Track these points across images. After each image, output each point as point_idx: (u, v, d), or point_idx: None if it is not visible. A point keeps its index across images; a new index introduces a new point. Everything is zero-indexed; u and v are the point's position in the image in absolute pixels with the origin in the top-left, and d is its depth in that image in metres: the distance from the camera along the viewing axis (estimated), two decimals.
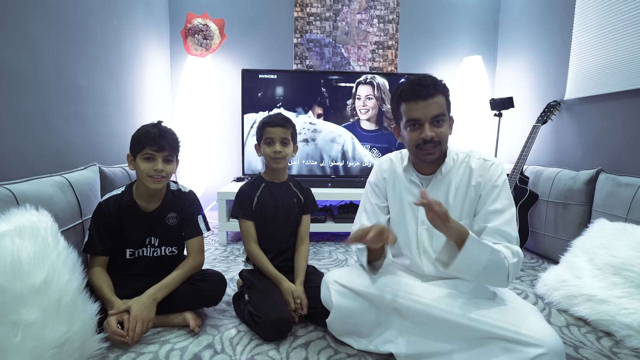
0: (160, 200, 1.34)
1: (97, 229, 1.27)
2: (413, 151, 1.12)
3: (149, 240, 1.34)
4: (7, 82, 1.32)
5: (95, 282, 1.21)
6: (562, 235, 1.96)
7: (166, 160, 1.27)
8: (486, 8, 3.00)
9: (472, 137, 2.76)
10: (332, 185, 2.61)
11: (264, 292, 1.30)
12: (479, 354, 0.95)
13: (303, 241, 1.49)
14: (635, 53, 1.75)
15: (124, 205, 1.29)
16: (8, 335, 0.83)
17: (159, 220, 1.34)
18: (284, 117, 1.41)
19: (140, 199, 1.31)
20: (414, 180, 1.18)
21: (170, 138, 1.27)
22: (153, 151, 1.24)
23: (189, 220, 1.37)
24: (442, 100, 1.07)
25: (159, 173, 1.24)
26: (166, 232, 1.35)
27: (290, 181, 1.52)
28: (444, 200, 1.13)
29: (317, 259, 2.12)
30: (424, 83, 1.05)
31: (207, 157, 2.72)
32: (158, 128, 1.26)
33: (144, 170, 1.24)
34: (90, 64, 1.82)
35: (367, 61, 2.97)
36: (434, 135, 1.05)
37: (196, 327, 1.24)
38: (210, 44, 2.57)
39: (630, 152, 1.81)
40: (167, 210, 1.34)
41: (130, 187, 1.32)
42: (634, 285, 1.30)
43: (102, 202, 1.29)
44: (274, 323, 1.19)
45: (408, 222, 1.20)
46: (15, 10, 1.34)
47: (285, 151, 1.40)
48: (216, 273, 1.39)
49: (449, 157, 1.14)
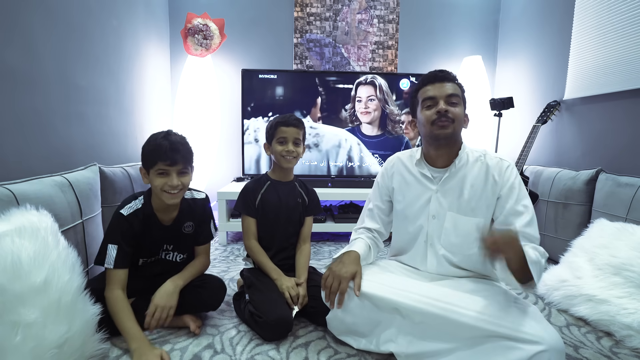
0: (177, 211, 1.30)
1: (125, 242, 1.19)
2: (428, 130, 1.13)
3: (163, 247, 1.33)
4: (7, 82, 1.32)
5: (118, 311, 1.12)
6: (562, 235, 1.96)
7: (181, 173, 1.21)
8: (486, 8, 3.00)
9: (472, 137, 2.76)
10: (332, 185, 2.61)
11: (265, 292, 1.30)
12: (480, 352, 0.95)
13: (305, 242, 1.50)
14: (635, 53, 1.75)
15: (146, 218, 1.24)
16: (8, 335, 0.83)
17: (176, 231, 1.32)
18: (297, 118, 1.44)
19: (157, 211, 1.27)
20: (425, 174, 1.19)
21: (183, 150, 1.20)
22: (166, 166, 1.17)
23: (203, 227, 1.37)
24: (457, 89, 1.14)
25: (174, 188, 1.19)
26: (181, 241, 1.34)
27: (296, 181, 1.53)
28: (458, 194, 1.15)
29: (317, 259, 2.12)
30: (441, 70, 1.15)
31: (207, 157, 2.72)
32: (169, 140, 1.18)
33: (158, 185, 1.18)
34: (90, 64, 1.82)
35: (367, 61, 2.98)
36: (447, 109, 1.09)
37: (196, 328, 1.24)
38: (210, 44, 2.57)
39: (630, 151, 1.81)
40: (183, 220, 1.32)
41: (148, 199, 1.26)
42: (634, 285, 1.30)
43: (126, 215, 1.20)
44: (274, 323, 1.19)
45: (418, 216, 1.21)
46: (16, 10, 1.34)
47: (297, 151, 1.42)
48: (216, 278, 1.39)
49: (463, 152, 1.16)
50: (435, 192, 1.18)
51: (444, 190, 1.17)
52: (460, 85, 1.16)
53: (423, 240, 1.21)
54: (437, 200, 1.17)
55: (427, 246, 1.20)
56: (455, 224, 1.15)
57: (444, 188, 1.17)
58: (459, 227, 1.15)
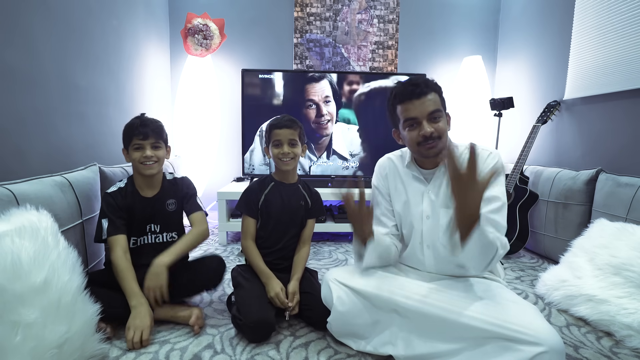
0: (158, 188, 1.43)
1: (112, 213, 1.32)
2: (415, 149, 1.14)
3: (149, 228, 1.41)
4: (7, 82, 1.32)
5: (122, 268, 1.24)
6: (562, 235, 1.96)
7: (154, 147, 1.36)
8: (486, 8, 3.00)
9: (472, 137, 2.76)
10: (332, 185, 2.61)
11: (249, 293, 1.30)
12: (479, 354, 0.95)
13: (305, 243, 1.50)
14: (635, 53, 1.75)
15: (129, 195, 1.37)
16: (8, 335, 0.83)
17: (158, 206, 1.41)
18: (290, 118, 1.41)
19: (139, 187, 1.40)
20: (416, 176, 1.20)
21: (152, 125, 1.36)
22: (140, 140, 1.34)
23: (188, 200, 1.47)
24: (436, 97, 1.10)
25: (148, 159, 1.34)
26: (166, 218, 1.43)
27: (300, 183, 1.52)
28: (446, 192, 1.14)
29: (317, 259, 2.12)
30: (415, 83, 1.09)
31: (207, 157, 2.72)
32: (140, 119, 1.37)
33: (135, 158, 1.34)
34: (90, 64, 1.82)
35: (367, 61, 2.98)
36: (432, 131, 1.08)
37: (196, 325, 1.24)
38: (210, 44, 2.57)
39: (630, 151, 1.81)
40: (165, 197, 1.43)
41: (131, 178, 1.42)
42: (634, 285, 1.30)
43: (109, 193, 1.35)
44: (253, 325, 1.18)
45: (412, 217, 1.21)
46: (16, 10, 1.34)
47: (294, 152, 1.40)
48: (215, 255, 1.46)
49: None
50: (427, 193, 1.18)
51: (435, 189, 1.17)
52: (436, 89, 1.11)
53: (418, 242, 1.21)
54: (429, 199, 1.17)
55: (424, 247, 1.20)
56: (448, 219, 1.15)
57: (434, 186, 1.17)
58: None
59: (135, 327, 1.15)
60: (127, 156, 1.39)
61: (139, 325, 1.15)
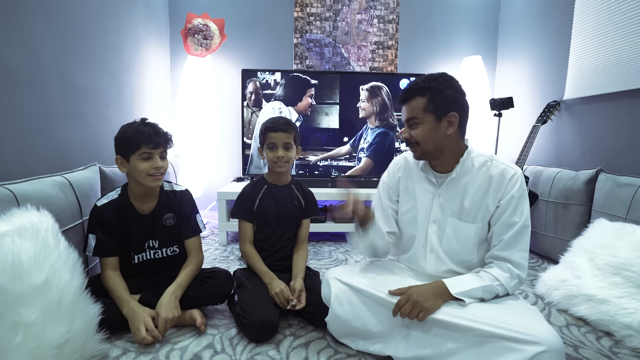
0: (155, 200, 1.33)
1: (101, 231, 1.25)
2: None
3: (148, 244, 1.34)
4: (7, 82, 1.32)
5: (110, 285, 1.22)
6: (562, 235, 1.96)
7: (162, 157, 1.28)
8: (486, 8, 3.00)
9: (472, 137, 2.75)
10: (332, 185, 2.61)
11: (253, 293, 1.30)
12: (479, 354, 0.95)
13: (303, 243, 1.50)
14: (635, 53, 1.75)
15: (122, 209, 1.28)
16: (8, 335, 0.83)
17: (156, 222, 1.33)
18: (286, 122, 1.40)
19: (135, 200, 1.30)
20: (430, 179, 1.20)
21: (163, 134, 1.28)
22: (150, 149, 1.23)
23: (188, 220, 1.38)
24: (421, 102, 1.09)
25: (159, 170, 1.25)
26: (164, 234, 1.36)
27: (293, 184, 1.52)
28: (459, 203, 1.14)
29: (317, 259, 2.12)
30: (407, 90, 1.13)
31: (207, 157, 2.72)
32: (149, 126, 1.25)
33: (143, 170, 1.22)
34: (90, 64, 1.82)
35: (367, 61, 2.97)
36: (407, 137, 1.14)
37: (202, 324, 1.24)
38: (210, 44, 2.57)
39: (630, 151, 1.81)
40: (163, 212, 1.34)
41: (125, 190, 1.31)
42: (634, 285, 1.30)
43: (100, 206, 1.26)
44: (258, 324, 1.18)
45: (419, 220, 1.21)
46: (16, 10, 1.34)
47: (288, 155, 1.39)
48: (224, 271, 1.41)
49: (468, 157, 1.14)
50: (438, 197, 1.17)
51: (446, 195, 1.16)
52: (423, 93, 1.08)
53: (422, 245, 1.20)
54: (439, 205, 1.17)
55: (426, 251, 1.19)
56: (456, 229, 1.14)
57: (446, 193, 1.16)
58: (459, 233, 1.14)
59: (139, 321, 1.14)
60: (124, 165, 1.26)
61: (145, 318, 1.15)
